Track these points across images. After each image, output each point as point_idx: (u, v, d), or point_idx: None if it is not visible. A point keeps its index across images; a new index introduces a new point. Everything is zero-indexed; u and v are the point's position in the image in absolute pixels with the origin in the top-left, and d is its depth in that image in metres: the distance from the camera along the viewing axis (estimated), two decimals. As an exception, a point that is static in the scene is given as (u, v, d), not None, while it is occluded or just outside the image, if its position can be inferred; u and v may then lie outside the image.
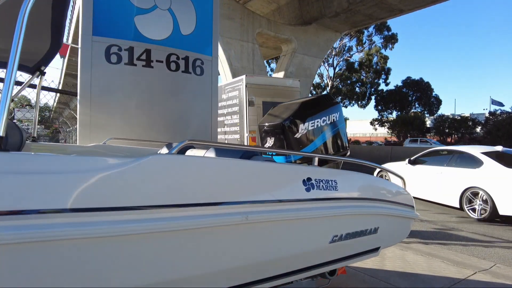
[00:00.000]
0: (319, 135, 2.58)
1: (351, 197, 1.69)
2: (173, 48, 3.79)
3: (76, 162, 1.15)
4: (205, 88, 4.06)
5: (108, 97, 3.48)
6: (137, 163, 1.16)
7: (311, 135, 2.56)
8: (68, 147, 2.91)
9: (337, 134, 2.74)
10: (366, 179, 1.87)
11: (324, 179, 1.51)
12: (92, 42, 3.40)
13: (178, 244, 1.21)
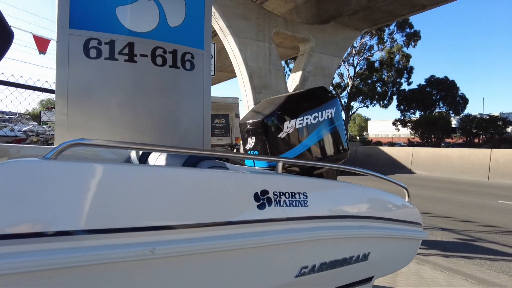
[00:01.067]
0: (309, 134, 2.18)
1: (328, 214, 1.27)
2: (159, 41, 3.49)
3: None
4: (196, 84, 3.73)
5: (87, 94, 3.21)
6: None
7: (299, 134, 2.16)
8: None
9: (334, 133, 2.33)
10: (351, 190, 1.47)
11: (288, 192, 1.13)
12: (69, 36, 3.14)
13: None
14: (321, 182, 1.33)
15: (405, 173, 12.91)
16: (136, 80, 3.39)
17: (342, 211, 1.36)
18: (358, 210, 1.40)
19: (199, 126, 3.74)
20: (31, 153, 2.97)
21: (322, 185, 1.33)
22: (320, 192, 1.33)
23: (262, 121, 2.13)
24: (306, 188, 1.25)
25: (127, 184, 0.97)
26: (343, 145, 2.44)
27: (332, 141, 2.38)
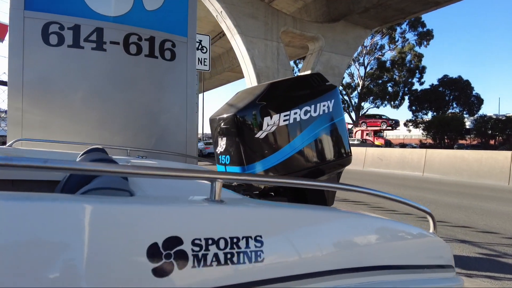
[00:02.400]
0: (299, 133, 1.67)
1: (305, 272, 0.74)
2: (133, 27, 3.02)
3: None
4: (178, 76, 3.26)
5: (45, 87, 2.76)
6: None
7: (286, 134, 1.66)
8: None
9: (332, 132, 1.82)
10: (347, 222, 0.92)
11: (224, 238, 0.63)
12: (24, 19, 2.70)
13: None
14: (296, 212, 0.79)
15: (418, 176, 12.22)
16: (105, 71, 2.93)
17: (331, 262, 0.79)
18: (363, 257, 0.85)
19: (181, 125, 3.26)
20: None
21: (297, 217, 0.80)
22: (292, 230, 0.77)
23: (234, 116, 1.63)
24: (265, 227, 0.71)
25: None
26: (344, 148, 1.93)
27: (331, 142, 1.86)
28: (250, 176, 0.81)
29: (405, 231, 1.07)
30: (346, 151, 1.95)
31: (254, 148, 1.66)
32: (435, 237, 1.13)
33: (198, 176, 0.72)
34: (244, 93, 1.86)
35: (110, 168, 0.65)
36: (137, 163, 2.07)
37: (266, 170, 1.67)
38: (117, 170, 0.66)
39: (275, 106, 1.71)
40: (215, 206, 0.69)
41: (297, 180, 0.95)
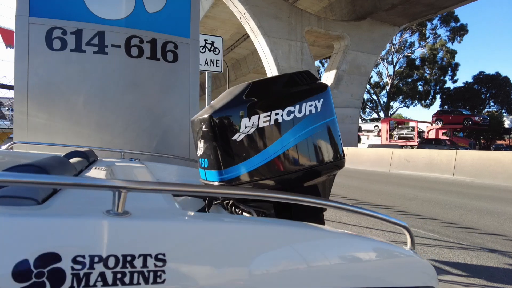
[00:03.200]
0: (280, 135, 1.58)
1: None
2: (134, 29, 3.03)
3: None
4: (180, 78, 3.24)
5: (49, 91, 2.82)
6: None
7: (264, 136, 1.57)
8: None
9: (321, 133, 1.71)
10: (289, 238, 0.79)
11: (115, 256, 0.54)
12: (29, 25, 2.77)
13: None
14: (220, 227, 0.68)
15: (447, 179, 11.61)
16: (106, 74, 2.96)
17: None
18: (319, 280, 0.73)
19: (183, 128, 3.23)
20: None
21: (218, 232, 0.68)
22: (208, 248, 0.65)
23: (210, 118, 1.55)
24: (172, 244, 0.62)
25: None
26: (337, 150, 1.80)
27: (320, 145, 1.74)
28: (166, 186, 0.72)
29: (376, 248, 0.94)
30: (338, 154, 1.82)
31: (232, 150, 1.58)
32: (415, 255, 0.99)
33: (96, 185, 0.65)
34: (226, 93, 1.78)
35: None
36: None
37: (247, 173, 1.59)
38: None
39: (255, 107, 1.62)
40: (111, 219, 0.61)
41: (241, 191, 0.82)
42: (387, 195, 8.61)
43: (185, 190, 0.75)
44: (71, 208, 0.72)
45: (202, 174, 1.71)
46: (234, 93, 1.66)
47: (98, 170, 1.46)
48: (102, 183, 0.65)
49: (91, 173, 1.35)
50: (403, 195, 8.70)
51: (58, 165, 1.08)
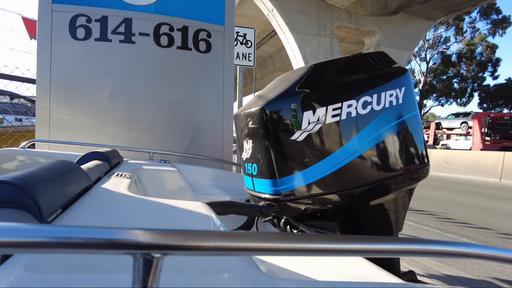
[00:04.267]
0: (356, 133, 1.20)
1: None
2: (164, 16, 2.73)
3: None
4: (214, 69, 2.91)
5: (72, 85, 2.58)
6: None
7: (334, 136, 1.19)
8: None
9: (402, 132, 1.32)
10: None
11: None
12: (52, 12, 2.53)
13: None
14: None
15: (493, 183, 10.68)
16: (133, 65, 2.68)
17: None
18: None
19: (217, 125, 2.91)
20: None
21: None
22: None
23: (262, 111, 1.19)
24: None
25: None
26: (421, 154, 1.39)
27: (401, 147, 1.34)
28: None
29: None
30: (421, 159, 1.41)
31: (290, 154, 1.21)
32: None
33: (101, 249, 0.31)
34: (279, 80, 1.42)
35: None
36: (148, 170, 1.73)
37: (309, 185, 1.21)
38: None
39: (321, 96, 1.24)
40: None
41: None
42: (428, 199, 7.96)
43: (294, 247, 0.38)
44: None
45: (249, 183, 1.36)
46: (291, 78, 1.29)
47: (120, 179, 1.14)
48: (111, 242, 0.31)
49: (109, 183, 1.03)
50: (445, 199, 8.03)
51: (61, 177, 0.76)
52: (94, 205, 0.77)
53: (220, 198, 1.88)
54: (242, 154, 1.36)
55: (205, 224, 0.76)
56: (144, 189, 1.53)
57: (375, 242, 0.41)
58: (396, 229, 1.45)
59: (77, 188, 0.83)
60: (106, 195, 0.89)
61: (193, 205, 0.84)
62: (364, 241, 0.41)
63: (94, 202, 0.79)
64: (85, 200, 0.79)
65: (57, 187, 0.70)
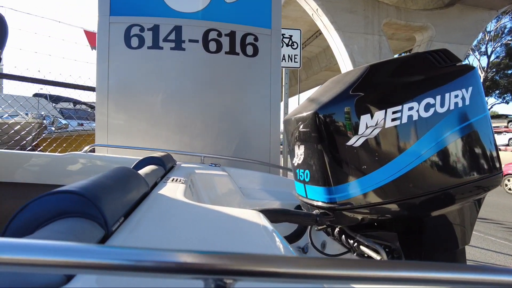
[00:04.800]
0: (414, 140, 1.11)
1: None
2: (212, 22, 2.79)
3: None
4: (261, 73, 2.91)
5: (127, 92, 2.72)
6: None
7: (394, 141, 1.11)
8: (36, 157, 2.20)
9: (471, 136, 1.20)
10: None
11: None
12: (110, 24, 2.69)
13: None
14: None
15: None
16: (183, 72, 2.76)
17: None
18: None
19: (264, 128, 2.90)
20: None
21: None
22: None
23: (315, 115, 1.14)
24: None
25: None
26: (491, 160, 1.25)
27: (468, 152, 1.22)
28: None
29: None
30: (491, 165, 1.27)
31: (345, 160, 1.15)
32: None
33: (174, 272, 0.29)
34: (332, 83, 1.35)
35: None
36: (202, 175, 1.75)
37: (367, 193, 1.14)
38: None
39: (379, 98, 1.17)
40: None
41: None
42: (493, 206, 7.30)
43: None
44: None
45: (300, 189, 1.31)
46: (346, 81, 1.22)
47: (176, 184, 1.16)
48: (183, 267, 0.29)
49: (165, 189, 1.05)
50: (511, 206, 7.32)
51: (123, 185, 0.78)
52: (153, 212, 0.78)
53: (270, 203, 1.85)
54: (293, 159, 1.32)
55: (260, 234, 0.74)
56: (197, 193, 1.55)
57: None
58: (462, 242, 1.32)
59: (137, 195, 0.85)
60: (164, 201, 0.90)
61: (247, 214, 0.83)
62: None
63: (153, 210, 0.80)
64: (144, 208, 0.81)
65: (120, 196, 0.72)
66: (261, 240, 0.68)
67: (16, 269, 0.30)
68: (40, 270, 0.31)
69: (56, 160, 2.10)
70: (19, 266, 0.30)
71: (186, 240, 0.62)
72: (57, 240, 0.32)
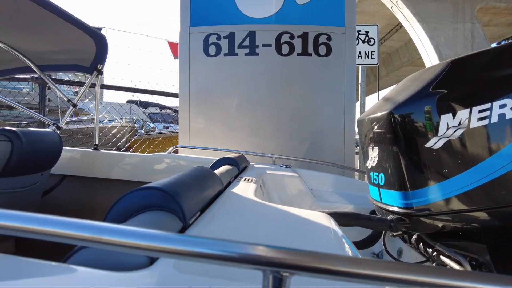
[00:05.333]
0: (506, 142, 1.00)
1: None
2: (284, 25, 2.83)
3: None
4: (334, 72, 2.86)
5: (206, 97, 2.91)
6: None
7: (481, 142, 1.01)
8: (129, 157, 2.47)
9: None
10: None
11: None
12: (190, 35, 2.91)
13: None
14: None
15: None
16: (257, 76, 2.85)
17: None
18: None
19: (337, 129, 2.84)
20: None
21: None
22: None
23: (390, 115, 1.09)
24: None
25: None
26: None
27: None
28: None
29: None
30: None
31: (424, 163, 1.07)
32: None
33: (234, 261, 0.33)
34: (409, 81, 1.27)
35: None
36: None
37: (449, 199, 1.06)
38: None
39: (464, 96, 1.07)
40: None
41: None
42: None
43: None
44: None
45: (374, 193, 1.26)
46: (424, 78, 1.14)
47: (248, 183, 1.22)
48: (241, 258, 0.33)
49: (238, 188, 1.11)
50: None
51: (200, 183, 0.86)
52: (226, 209, 0.85)
53: (342, 207, 1.81)
54: (367, 162, 1.28)
55: (327, 236, 0.74)
56: (268, 193, 1.60)
57: None
58: None
59: (212, 192, 0.93)
60: (236, 199, 0.96)
61: (315, 215, 0.83)
62: None
63: (226, 206, 0.87)
64: (218, 204, 0.87)
65: (197, 193, 0.80)
66: (327, 242, 0.69)
67: (112, 248, 0.37)
68: (130, 251, 0.37)
69: (145, 160, 2.36)
70: (114, 246, 0.37)
71: (253, 235, 0.66)
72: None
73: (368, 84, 36.84)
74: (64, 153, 2.15)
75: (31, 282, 0.39)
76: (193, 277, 0.47)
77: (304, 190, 1.88)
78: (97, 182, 2.29)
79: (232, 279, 0.47)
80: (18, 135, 1.64)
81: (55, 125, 2.39)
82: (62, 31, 2.01)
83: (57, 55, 2.25)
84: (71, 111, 2.46)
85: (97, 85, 2.44)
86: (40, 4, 1.71)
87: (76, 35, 2.04)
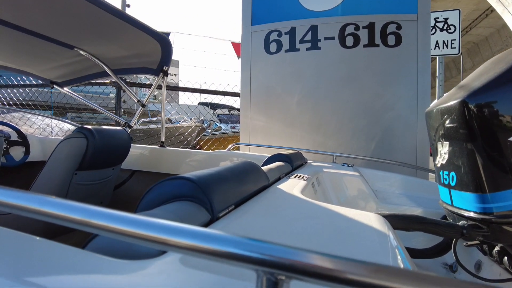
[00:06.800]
0: None
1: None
2: (348, 16, 2.67)
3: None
4: (405, 64, 2.62)
5: (267, 95, 2.90)
6: None
7: None
8: (191, 153, 2.54)
9: None
10: None
11: None
12: (251, 34, 2.93)
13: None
14: None
15: None
16: (319, 71, 2.74)
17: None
18: None
19: (409, 125, 2.60)
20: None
21: None
22: None
23: (463, 104, 0.92)
24: None
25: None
26: None
27: None
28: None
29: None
30: None
31: (508, 161, 0.89)
32: None
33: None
34: (491, 63, 1.07)
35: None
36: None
37: None
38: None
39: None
40: None
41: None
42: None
43: None
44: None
45: (445, 195, 1.09)
46: (510, 59, 0.95)
47: (297, 180, 1.16)
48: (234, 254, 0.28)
49: (285, 184, 1.06)
50: None
51: (239, 176, 0.82)
52: (263, 204, 0.80)
53: (408, 210, 1.63)
54: (436, 159, 1.11)
55: (372, 239, 0.64)
56: (323, 192, 1.51)
57: None
58: None
59: (254, 187, 0.89)
60: (278, 195, 0.91)
61: (365, 216, 0.74)
62: None
63: (264, 202, 0.82)
64: (257, 199, 0.83)
65: (233, 186, 0.77)
66: (370, 247, 0.60)
67: (123, 238, 0.35)
68: (136, 241, 0.35)
69: (208, 156, 2.43)
70: (125, 236, 0.34)
71: (284, 234, 0.61)
72: (163, 218, 0.36)
73: (450, 79, 33.68)
74: (133, 150, 2.31)
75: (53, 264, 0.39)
76: (194, 271, 0.44)
77: (365, 191, 1.74)
78: (163, 177, 2.42)
79: (229, 276, 0.43)
80: (92, 132, 1.81)
81: (126, 124, 2.60)
82: (132, 37, 2.16)
83: (129, 59, 2.44)
84: (141, 110, 2.65)
85: (164, 86, 2.59)
86: (114, 14, 1.86)
87: (144, 40, 2.18)
